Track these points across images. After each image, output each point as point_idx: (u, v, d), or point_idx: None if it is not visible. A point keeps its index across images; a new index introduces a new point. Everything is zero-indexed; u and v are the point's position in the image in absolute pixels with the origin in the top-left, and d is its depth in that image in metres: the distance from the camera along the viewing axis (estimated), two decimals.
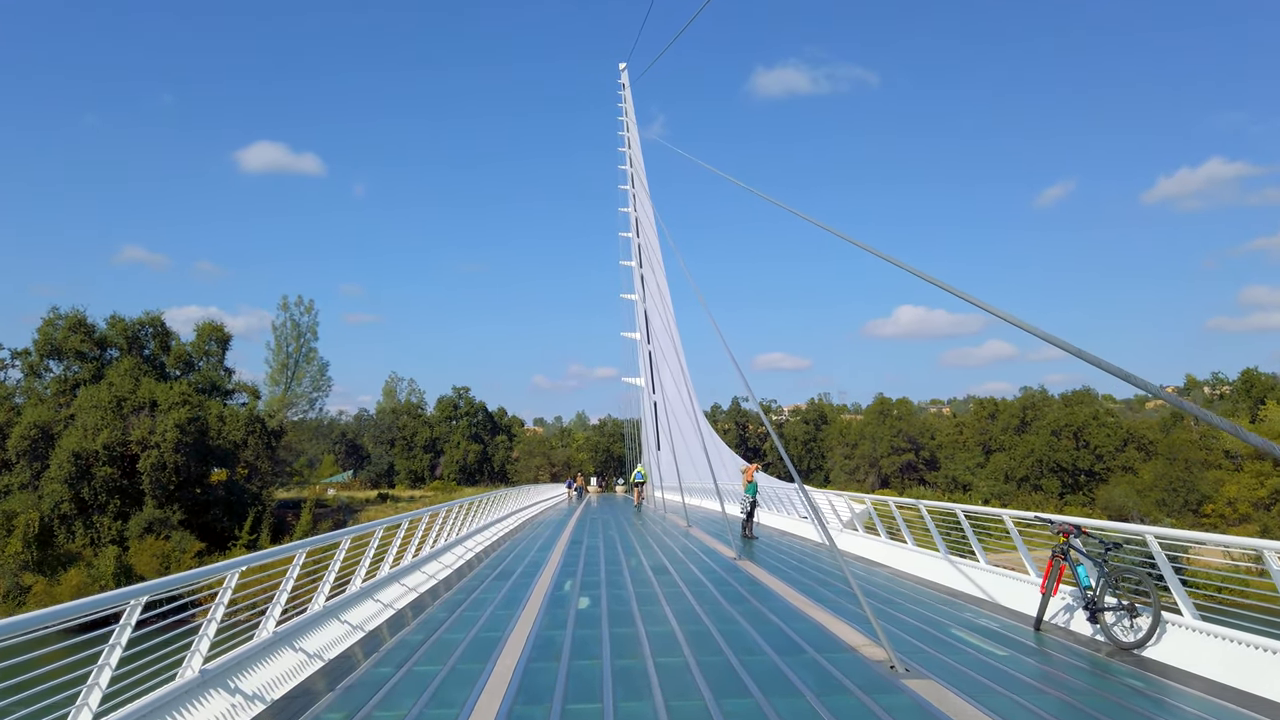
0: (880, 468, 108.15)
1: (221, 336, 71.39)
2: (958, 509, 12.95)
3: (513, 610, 11.50)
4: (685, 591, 12.98)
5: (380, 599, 11.81)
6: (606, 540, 22.51)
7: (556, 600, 12.40)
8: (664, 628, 10.08)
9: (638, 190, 63.12)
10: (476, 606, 11.98)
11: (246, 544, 57.77)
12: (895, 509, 16.54)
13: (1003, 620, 10.39)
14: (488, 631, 10.06)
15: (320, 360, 79.62)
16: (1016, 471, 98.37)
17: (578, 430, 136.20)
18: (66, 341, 62.51)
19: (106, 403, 57.66)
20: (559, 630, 10.05)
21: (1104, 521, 10.08)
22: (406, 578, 13.60)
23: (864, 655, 8.45)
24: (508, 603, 12.22)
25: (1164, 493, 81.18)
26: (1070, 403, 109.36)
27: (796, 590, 12.85)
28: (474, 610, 11.62)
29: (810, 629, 9.82)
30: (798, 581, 13.79)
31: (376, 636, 10.09)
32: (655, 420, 56.45)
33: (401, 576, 13.34)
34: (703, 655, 8.55)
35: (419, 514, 15.29)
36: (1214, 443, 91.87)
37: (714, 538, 22.03)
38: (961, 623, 10.24)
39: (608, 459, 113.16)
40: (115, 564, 49.87)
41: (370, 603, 11.50)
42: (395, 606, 11.98)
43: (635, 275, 62.37)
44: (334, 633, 9.84)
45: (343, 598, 10.79)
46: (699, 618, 10.69)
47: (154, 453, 57.09)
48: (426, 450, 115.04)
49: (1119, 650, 8.59)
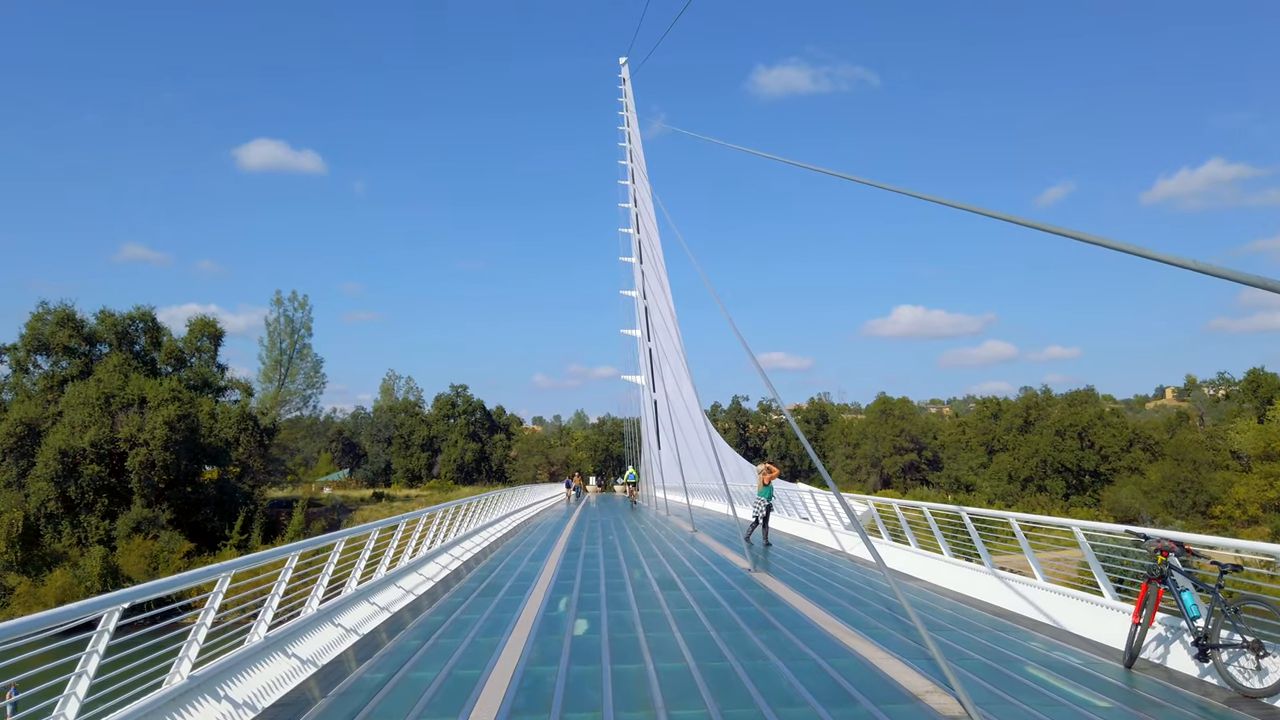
0: (882, 467, 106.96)
1: (214, 332, 70.05)
2: (1011, 517, 11.35)
3: (498, 637, 9.91)
4: (698, 613, 11.35)
5: (341, 623, 10.25)
6: (606, 546, 20.82)
7: (549, 624, 10.74)
8: (677, 663, 8.51)
9: (638, 186, 62.05)
10: (455, 632, 10.32)
11: (237, 544, 56.56)
12: (930, 515, 14.57)
13: (1082, 654, 8.75)
14: (464, 668, 8.40)
15: (314, 356, 78.24)
16: (1021, 472, 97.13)
17: (577, 429, 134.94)
18: (54, 336, 61.19)
19: (94, 399, 56.39)
20: (550, 666, 8.46)
21: (1213, 538, 8.53)
22: (377, 595, 12.06)
23: (932, 707, 6.81)
24: (492, 627, 10.58)
25: (1172, 494, 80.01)
26: (1074, 402, 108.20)
27: (827, 612, 11.15)
28: (452, 637, 9.97)
29: (856, 668, 8.19)
30: (827, 601, 12.09)
31: (332, 671, 8.65)
32: (655, 419, 55.19)
33: (371, 594, 11.82)
34: (730, 707, 6.96)
35: (395, 520, 13.87)
36: (1221, 443, 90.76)
37: (723, 544, 20.47)
38: (1033, 657, 8.62)
39: (607, 458, 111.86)
40: (102, 564, 48.62)
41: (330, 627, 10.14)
42: (359, 631, 10.34)
43: (636, 271, 61.27)
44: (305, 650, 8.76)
45: (293, 623, 9.35)
46: (718, 650, 9.09)
47: (142, 450, 55.83)
48: (424, 449, 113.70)
49: (1241, 697, 7.08)
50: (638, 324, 62.35)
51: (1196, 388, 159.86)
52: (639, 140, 65.49)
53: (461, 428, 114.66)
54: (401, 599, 12.71)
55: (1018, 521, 11.16)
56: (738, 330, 13.05)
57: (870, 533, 21.10)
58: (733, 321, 13.38)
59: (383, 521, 13.11)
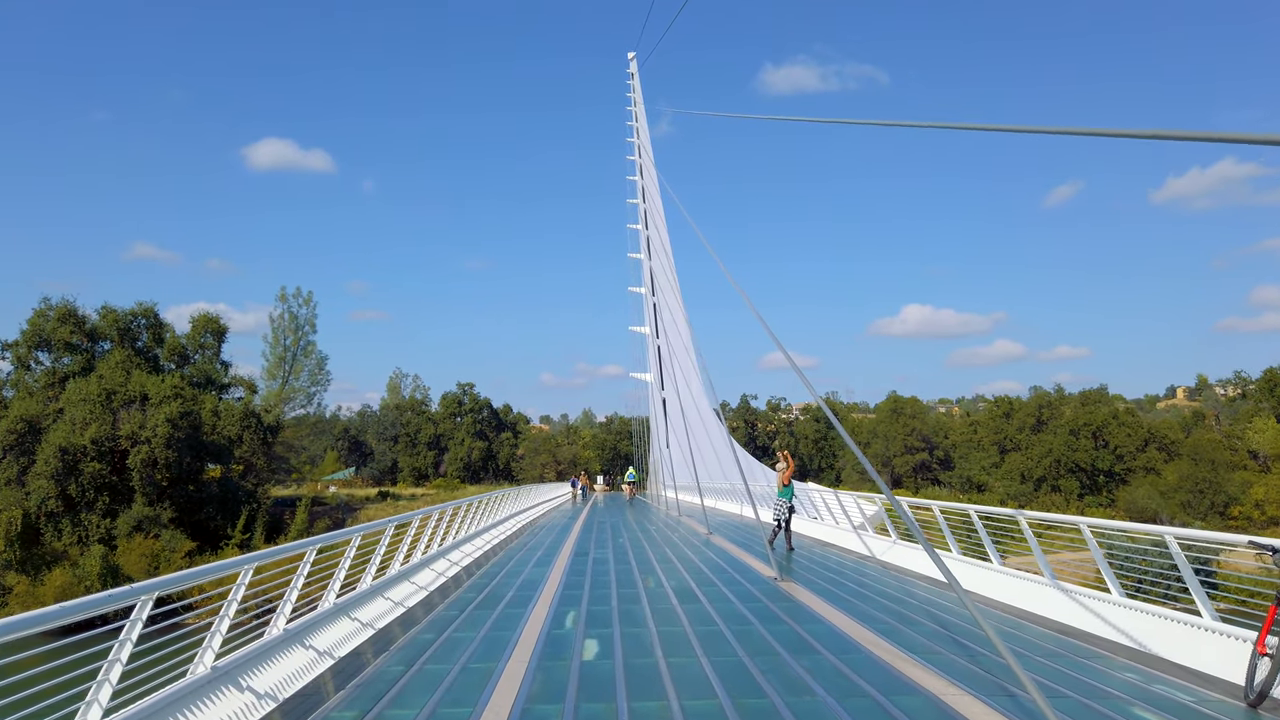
0: (893, 467, 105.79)
1: (217, 328, 69.27)
2: (1082, 523, 9.97)
3: (494, 662, 8.52)
4: (725, 632, 9.90)
5: (313, 645, 9.16)
6: (617, 550, 19.54)
7: (554, 644, 9.37)
8: (708, 700, 7.13)
9: (647, 181, 61.44)
10: (446, 655, 8.97)
11: (239, 544, 55.75)
12: (977, 517, 13.03)
13: (1189, 689, 7.42)
14: (452, 705, 7.14)
15: (319, 354, 77.24)
16: (1034, 472, 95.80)
17: (584, 428, 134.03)
18: (55, 333, 60.46)
19: (95, 396, 55.64)
20: (554, 704, 7.09)
21: None
22: (360, 610, 10.75)
23: None
24: (488, 649, 9.20)
25: (1189, 494, 78.59)
26: (1087, 402, 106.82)
27: (873, 630, 9.72)
28: (441, 662, 8.61)
29: (926, 708, 6.77)
30: (870, 617, 10.59)
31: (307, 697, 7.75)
32: (665, 417, 54.22)
33: (354, 608, 10.63)
34: None
35: (379, 525, 12.78)
36: (1239, 443, 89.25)
37: (742, 549, 19.15)
38: (1132, 692, 7.26)
39: (615, 457, 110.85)
40: (101, 564, 47.80)
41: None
42: (335, 655, 9.16)
43: (644, 267, 60.58)
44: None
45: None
46: (754, 682, 7.67)
47: (144, 448, 55.07)
48: (430, 447, 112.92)
49: None
50: (646, 320, 61.63)
51: (1208, 387, 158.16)
52: (647, 135, 64.79)
53: (468, 426, 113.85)
54: (389, 612, 11.55)
55: (1089, 527, 9.77)
56: (756, 310, 11.92)
57: (879, 534, 20.10)
58: (752, 303, 12.30)
59: (373, 524, 12.08)
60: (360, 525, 11.66)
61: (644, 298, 61.53)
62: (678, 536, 23.14)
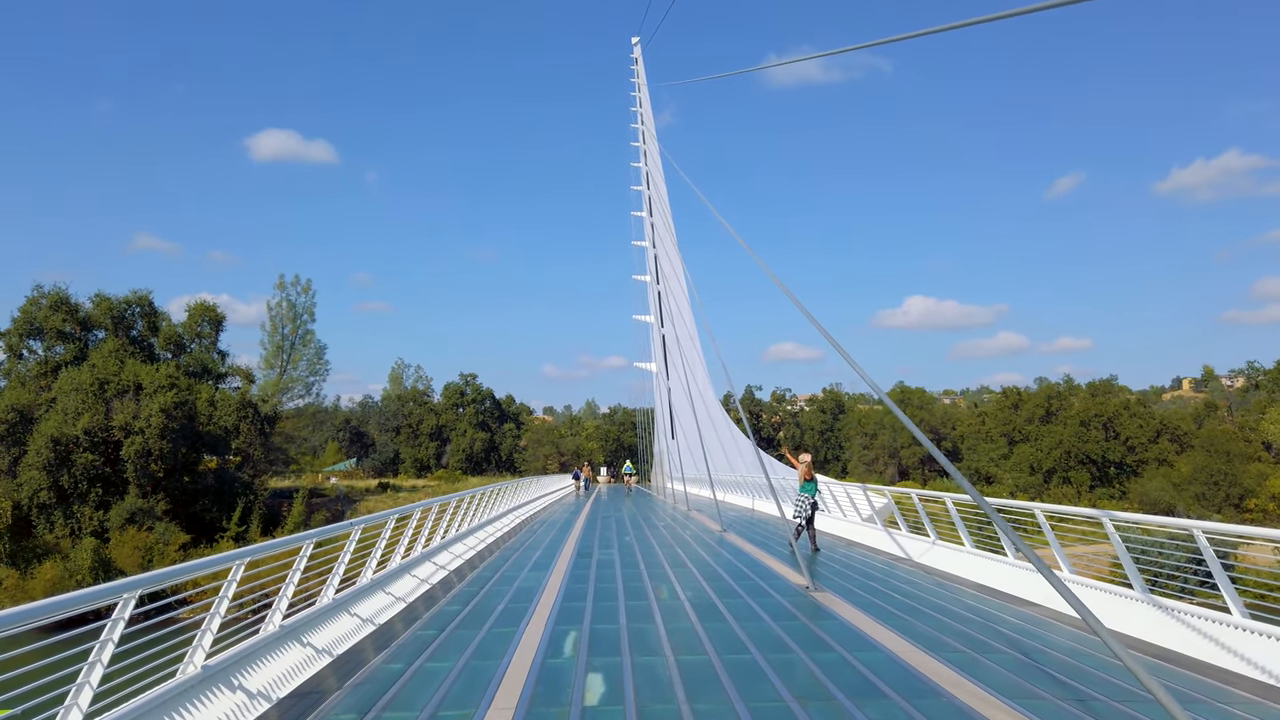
0: (900, 459, 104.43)
1: (214, 317, 68.06)
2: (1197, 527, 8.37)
3: (471, 709, 6.77)
4: (760, 662, 8.12)
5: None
6: (623, 551, 17.79)
7: (549, 682, 7.58)
8: None
9: (651, 169, 60.34)
10: (409, 699, 7.10)
11: (235, 536, 54.64)
12: (1043, 518, 11.23)
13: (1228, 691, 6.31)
14: None
15: (317, 343, 75.84)
16: (1044, 463, 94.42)
17: (587, 419, 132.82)
18: (48, 321, 59.31)
19: (88, 385, 54.47)
20: None
21: None
22: (311, 634, 9.05)
23: None
24: (465, 690, 7.33)
25: (1204, 486, 77.18)
26: (1097, 392, 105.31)
27: (948, 665, 7.91)
28: (404, 709, 6.84)
29: None
30: (934, 642, 8.82)
31: None
32: (670, 407, 52.99)
33: (307, 631, 8.93)
34: None
35: (362, 521, 11.41)
36: (1253, 434, 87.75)
37: (761, 549, 17.45)
38: None
39: (618, 448, 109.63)
40: (93, 557, 46.68)
41: None
42: (273, 696, 7.47)
43: (649, 255, 59.53)
44: None
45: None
46: None
47: (138, 439, 53.92)
48: (432, 438, 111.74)
49: None
50: (651, 309, 60.45)
51: (1214, 379, 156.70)
52: (651, 121, 63.56)
53: (470, 417, 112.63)
54: (352, 635, 9.67)
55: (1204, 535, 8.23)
56: (775, 276, 10.59)
57: (889, 525, 18.79)
58: (772, 272, 10.99)
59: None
60: (315, 531, 10.14)
61: (649, 286, 60.45)
62: (688, 534, 21.57)
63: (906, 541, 16.45)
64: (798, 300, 10.12)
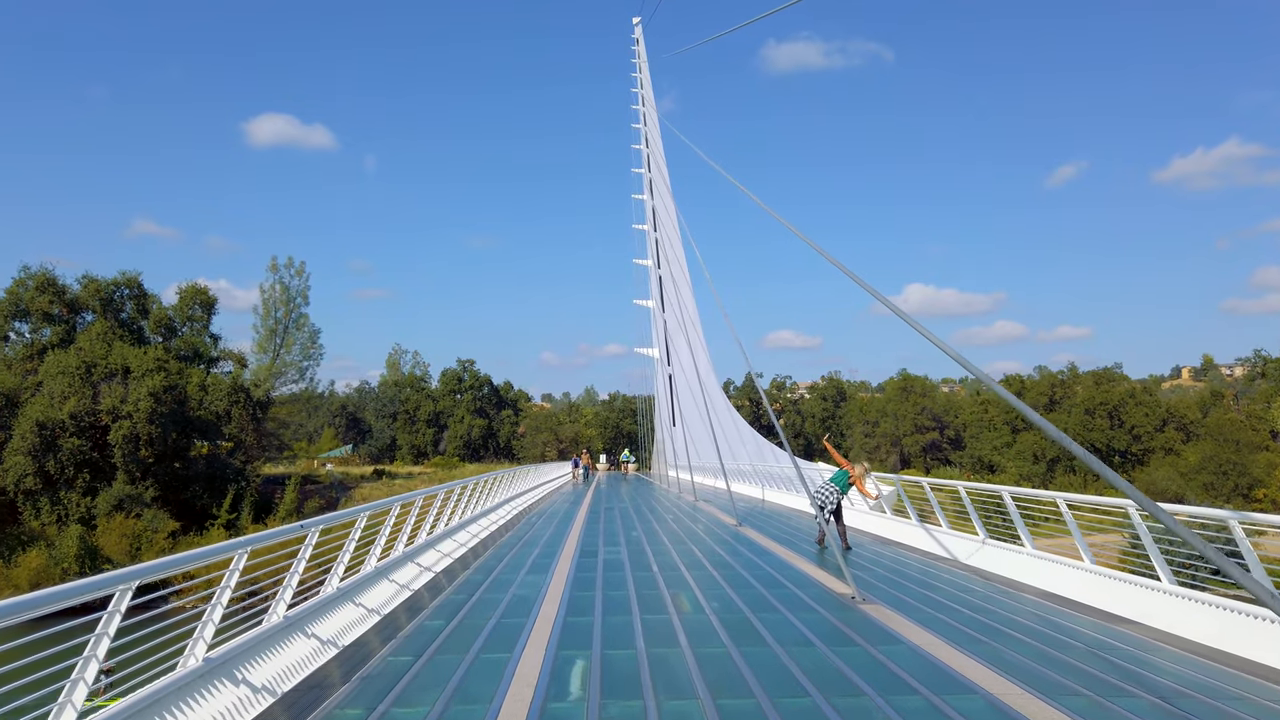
0: (903, 447, 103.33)
1: (206, 300, 66.60)
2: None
3: None
4: (824, 709, 6.15)
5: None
6: (632, 547, 15.92)
7: None
8: None
9: (652, 151, 58.96)
10: None
11: (226, 524, 53.45)
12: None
13: None
14: None
15: (311, 326, 74.21)
16: (1048, 452, 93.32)
17: (586, 406, 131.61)
18: (34, 302, 57.87)
19: (74, 368, 53.11)
20: None
21: None
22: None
23: None
24: None
25: (1212, 475, 76.12)
26: (1100, 381, 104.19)
27: (1044, 698, 6.31)
28: None
29: None
30: (1024, 670, 7.16)
31: None
32: (671, 393, 51.75)
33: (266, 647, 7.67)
34: None
35: (348, 514, 10.04)
36: (1261, 424, 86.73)
37: (786, 547, 15.52)
38: None
39: (617, 435, 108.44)
40: (79, 545, 45.51)
41: None
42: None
43: (649, 239, 58.20)
44: None
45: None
46: None
47: (126, 423, 52.63)
48: (430, 425, 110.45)
49: None
50: (652, 294, 59.18)
51: (1214, 367, 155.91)
52: (653, 102, 62.02)
53: (468, 403, 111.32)
54: (315, 656, 8.06)
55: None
56: (807, 238, 9.30)
57: (898, 514, 17.64)
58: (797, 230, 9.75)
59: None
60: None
61: (649, 270, 59.20)
62: (701, 528, 19.94)
63: (951, 540, 14.94)
64: (852, 274, 8.87)
